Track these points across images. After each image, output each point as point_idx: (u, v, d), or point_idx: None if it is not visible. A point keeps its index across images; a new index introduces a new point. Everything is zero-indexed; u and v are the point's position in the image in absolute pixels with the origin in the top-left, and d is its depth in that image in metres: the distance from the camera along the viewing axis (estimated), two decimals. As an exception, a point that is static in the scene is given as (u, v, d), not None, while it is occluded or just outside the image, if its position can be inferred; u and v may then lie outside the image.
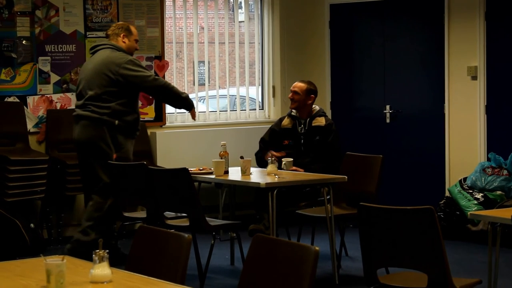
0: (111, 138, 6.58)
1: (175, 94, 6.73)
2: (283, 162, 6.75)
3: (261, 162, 7.12)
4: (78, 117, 6.65)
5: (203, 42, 8.89)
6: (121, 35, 6.80)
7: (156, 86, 6.65)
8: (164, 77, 8.29)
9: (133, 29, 6.91)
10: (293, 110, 7.26)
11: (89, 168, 6.61)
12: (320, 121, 7.18)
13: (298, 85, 7.24)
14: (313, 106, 7.27)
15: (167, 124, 8.42)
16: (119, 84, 6.56)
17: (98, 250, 3.18)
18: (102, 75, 6.58)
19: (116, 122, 6.58)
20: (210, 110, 8.90)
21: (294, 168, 6.79)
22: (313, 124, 7.15)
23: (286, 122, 7.27)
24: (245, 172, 6.36)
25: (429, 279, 4.18)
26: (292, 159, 6.80)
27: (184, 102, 6.79)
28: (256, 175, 6.45)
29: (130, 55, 6.77)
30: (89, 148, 6.59)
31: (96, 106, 6.56)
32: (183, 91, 6.97)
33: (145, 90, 6.77)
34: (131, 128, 6.69)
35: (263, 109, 9.22)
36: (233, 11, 9.35)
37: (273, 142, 7.25)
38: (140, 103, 7.21)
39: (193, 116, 6.91)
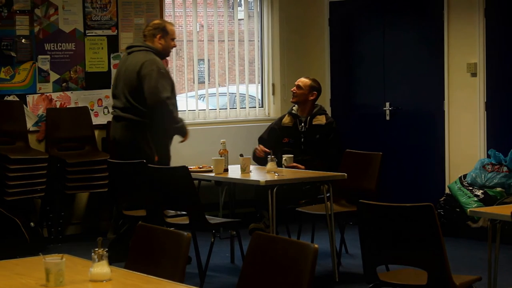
0: (153, 140, 6.65)
1: (170, 122, 6.75)
2: (284, 158, 6.75)
3: (256, 159, 7.12)
4: (119, 118, 6.72)
5: (203, 40, 8.89)
6: (158, 36, 6.79)
7: (160, 107, 6.64)
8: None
9: (169, 27, 6.87)
10: (293, 108, 7.25)
11: None
12: (321, 119, 7.17)
13: (302, 80, 7.25)
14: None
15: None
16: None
17: (97, 249, 3.18)
18: (134, 79, 6.61)
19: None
20: (210, 108, 8.90)
21: (295, 164, 6.79)
22: (313, 123, 7.15)
23: (286, 120, 7.27)
24: (244, 170, 6.36)
25: (429, 276, 4.18)
26: (292, 155, 6.81)
27: (176, 131, 6.84)
28: (256, 173, 6.45)
29: (166, 55, 6.84)
30: (131, 149, 6.63)
31: (136, 109, 6.60)
32: (181, 120, 6.90)
33: (150, 100, 6.69)
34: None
35: (262, 107, 9.22)
36: (232, 9, 9.34)
37: (272, 141, 7.24)
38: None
39: (184, 140, 6.99)
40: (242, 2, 9.25)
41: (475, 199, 7.57)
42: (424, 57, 8.46)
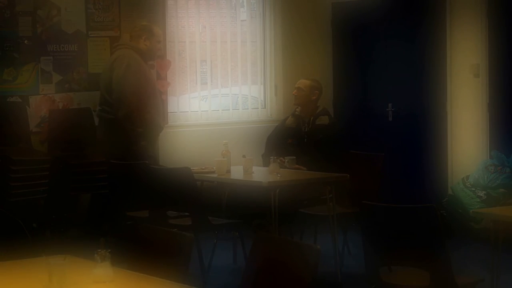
0: (127, 138, 6.71)
1: (126, 120, 6.78)
2: (286, 160, 6.76)
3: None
4: (99, 117, 6.93)
5: (205, 41, 8.89)
6: (143, 37, 6.89)
7: (123, 101, 6.67)
8: (166, 76, 8.29)
9: (155, 30, 6.97)
10: (296, 110, 7.26)
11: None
12: (324, 120, 7.19)
13: (302, 81, 7.28)
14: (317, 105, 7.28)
15: (170, 123, 8.42)
16: None
17: (100, 250, 3.18)
18: (108, 73, 6.76)
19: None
20: (212, 109, 8.90)
21: (297, 166, 6.79)
22: (316, 123, 7.16)
23: (290, 121, 7.28)
24: (247, 171, 6.36)
25: (432, 277, 4.18)
26: (294, 157, 6.81)
27: (133, 134, 6.86)
28: (259, 174, 6.45)
29: (151, 57, 6.95)
30: (106, 148, 6.88)
31: (110, 107, 6.71)
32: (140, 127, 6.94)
33: (114, 93, 6.75)
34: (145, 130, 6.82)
35: (265, 108, 9.22)
36: (235, 10, 9.34)
37: (279, 142, 7.25)
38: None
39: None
40: (245, 3, 9.25)
41: (478, 200, 7.57)
42: (426, 58, 8.45)
